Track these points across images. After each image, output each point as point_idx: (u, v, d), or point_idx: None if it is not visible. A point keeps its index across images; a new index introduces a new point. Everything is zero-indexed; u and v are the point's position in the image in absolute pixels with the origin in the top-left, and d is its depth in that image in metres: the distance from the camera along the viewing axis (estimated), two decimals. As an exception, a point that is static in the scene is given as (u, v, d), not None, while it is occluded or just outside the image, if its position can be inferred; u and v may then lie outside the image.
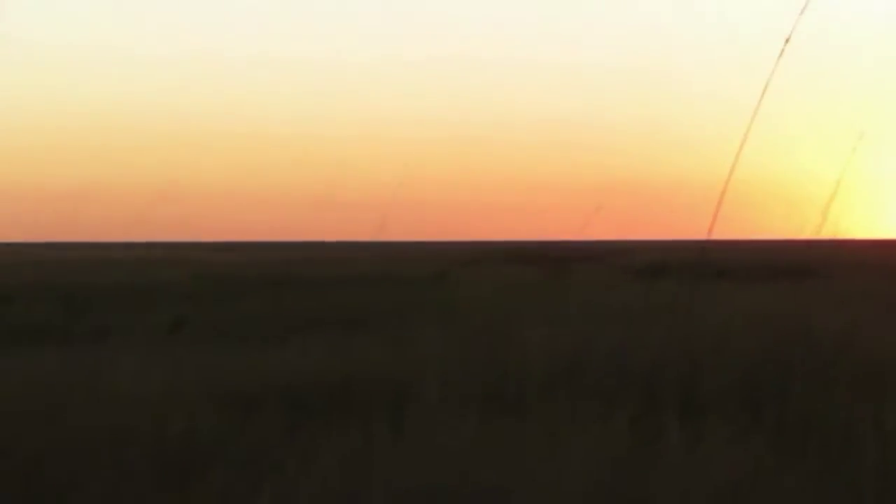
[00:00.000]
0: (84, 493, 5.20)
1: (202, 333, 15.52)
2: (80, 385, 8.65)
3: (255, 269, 38.18)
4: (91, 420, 7.22)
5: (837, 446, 5.92)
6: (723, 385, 7.65)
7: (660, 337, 10.03)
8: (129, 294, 28.07)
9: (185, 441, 6.35)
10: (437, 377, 7.45)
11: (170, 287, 30.27)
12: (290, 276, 32.56)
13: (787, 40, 8.65)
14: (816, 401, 7.53)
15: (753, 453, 5.71)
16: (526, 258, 41.01)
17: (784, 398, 7.61)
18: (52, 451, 6.29)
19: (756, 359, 9.06)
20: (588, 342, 9.77)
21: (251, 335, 15.43)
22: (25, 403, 8.13)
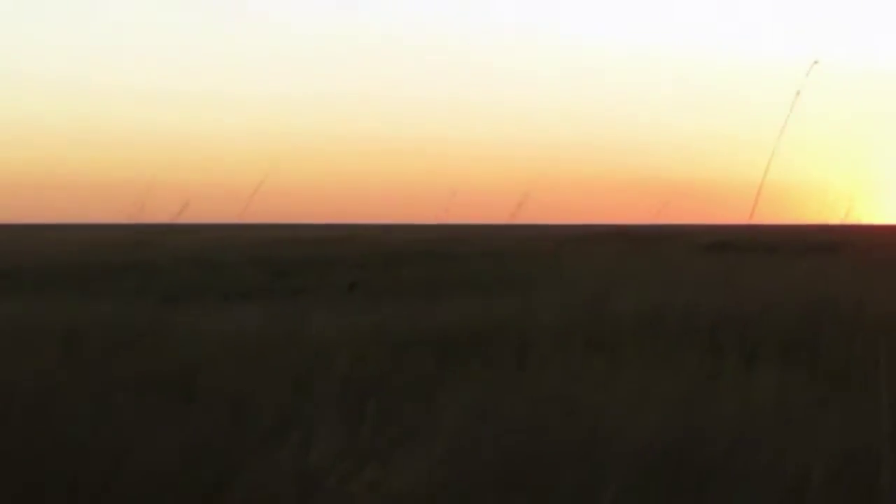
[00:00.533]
0: (291, 420, 5.50)
1: (371, 293, 16.94)
2: (281, 332, 9.01)
3: (412, 245, 39.23)
4: (289, 360, 7.68)
5: (857, 383, 6.25)
6: (770, 334, 7.89)
7: (722, 297, 10.76)
8: (316, 263, 30.54)
9: (360, 374, 6.74)
10: (553, 326, 7.95)
11: (346, 258, 33.07)
12: (442, 250, 33.39)
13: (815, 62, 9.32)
14: (841, 347, 7.96)
15: (792, 386, 5.96)
16: (616, 237, 41.45)
17: (816, 345, 8.11)
18: (260, 386, 6.48)
19: (794, 314, 9.53)
20: (668, 300, 10.32)
21: (410, 295, 16.12)
22: (239, 347, 8.60)
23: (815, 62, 9.39)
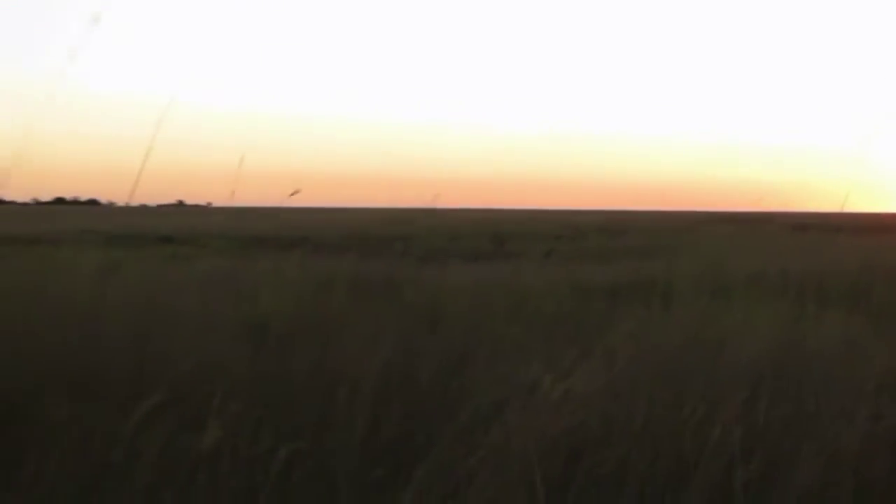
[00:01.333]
0: (507, 343, 5.91)
1: (562, 257, 19.29)
2: (500, 282, 9.95)
3: (591, 224, 47.33)
4: (506, 301, 8.32)
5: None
6: (837, 287, 9.42)
7: (805, 261, 12.34)
8: (525, 236, 36.92)
9: (555, 311, 7.50)
10: (688, 281, 8.67)
11: (546, 233, 40.12)
12: (612, 228, 41.52)
13: None
14: (886, 296, 9.08)
15: (852, 323, 6.90)
16: (727, 220, 49.07)
17: (869, 294, 9.22)
18: (486, 319, 7.05)
19: (854, 273, 10.96)
20: (767, 264, 11.74)
21: (589, 258, 18.92)
22: (471, 293, 9.25)
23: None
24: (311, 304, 6.84)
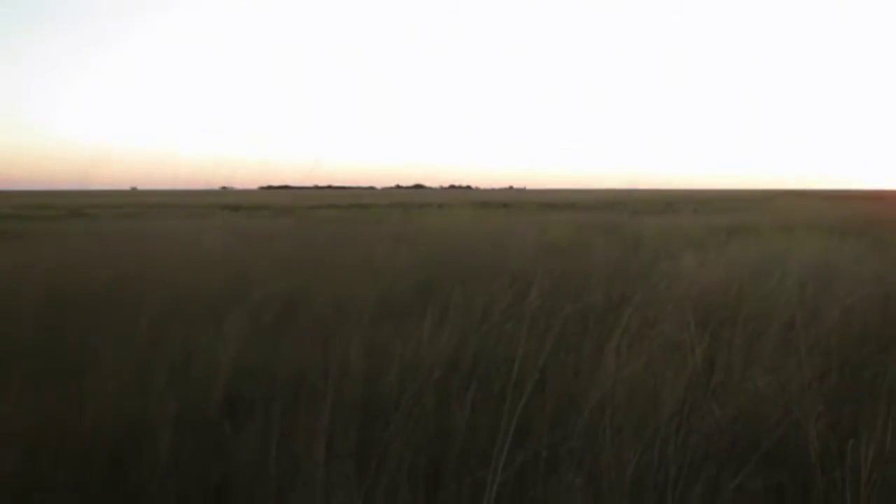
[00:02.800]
0: (666, 252, 9.80)
1: (701, 213, 27.83)
2: (671, 224, 15.23)
3: (698, 195, 58.09)
4: (672, 233, 13.11)
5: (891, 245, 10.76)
6: (850, 227, 14.01)
7: (833, 215, 17.07)
8: (679, 202, 42.39)
9: (699, 237, 11.91)
10: (768, 224, 13.52)
11: (689, 201, 48.49)
12: (721, 197, 52.91)
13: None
14: (878, 232, 13.29)
15: (860, 246, 10.21)
16: (789, 194, 57.36)
17: (870, 230, 13.92)
18: (665, 245, 10.86)
19: (862, 221, 16.80)
20: (815, 217, 16.94)
21: (715, 212, 24.89)
22: (655, 229, 14.33)
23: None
24: (576, 235, 11.09)
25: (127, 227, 17.80)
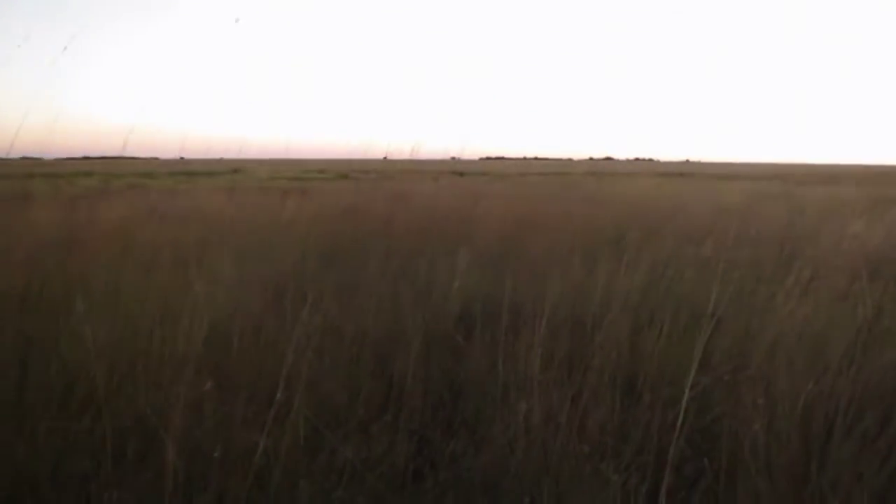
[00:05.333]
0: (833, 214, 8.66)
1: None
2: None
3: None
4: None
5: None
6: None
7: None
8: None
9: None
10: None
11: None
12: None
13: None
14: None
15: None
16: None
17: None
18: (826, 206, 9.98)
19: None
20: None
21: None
22: (818, 196, 12.88)
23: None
24: (746, 201, 10.12)
25: (382, 186, 18.62)
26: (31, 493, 2.59)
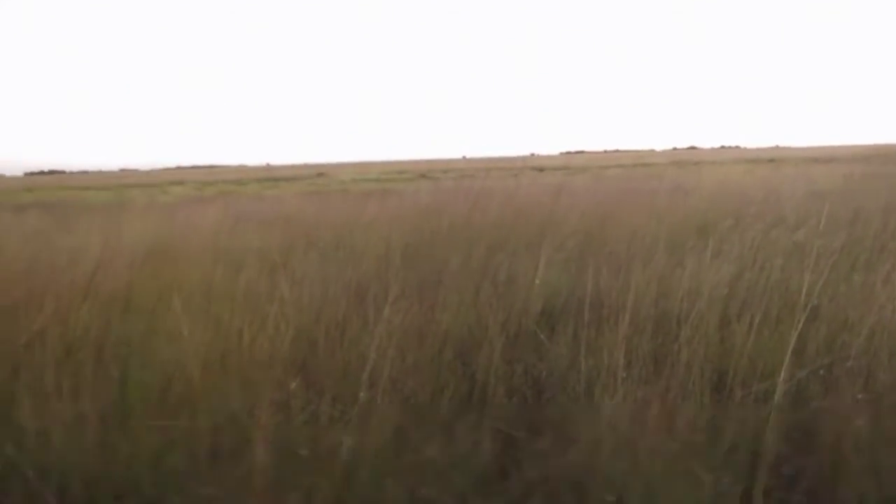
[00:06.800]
0: None
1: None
2: None
3: None
4: None
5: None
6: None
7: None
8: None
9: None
10: None
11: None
12: None
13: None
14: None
15: None
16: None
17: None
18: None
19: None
20: None
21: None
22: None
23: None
24: (841, 184, 9.47)
25: (463, 184, 18.66)
26: (133, 489, 2.68)
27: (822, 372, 3.05)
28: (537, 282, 4.75)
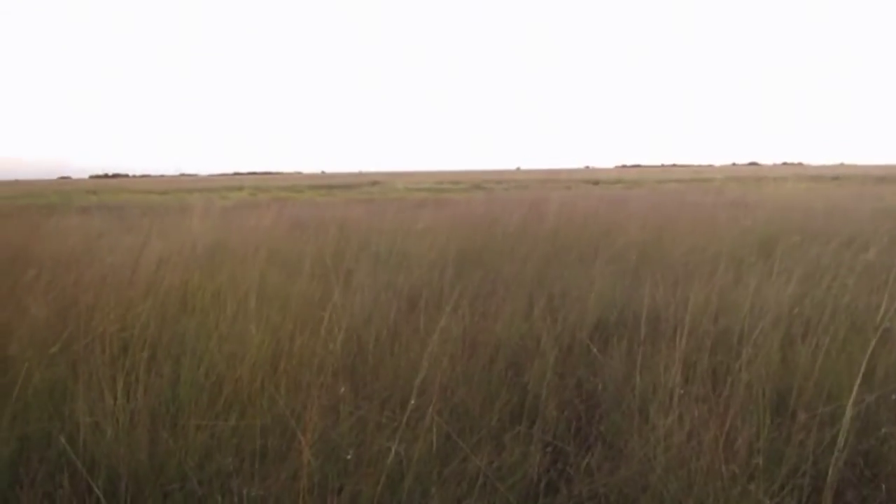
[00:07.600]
0: None
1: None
2: None
3: None
4: None
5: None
6: None
7: None
8: None
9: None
10: None
11: None
12: None
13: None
14: None
15: None
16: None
17: None
18: None
19: None
20: None
21: None
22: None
23: None
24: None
25: (515, 195, 18.57)
26: (179, 486, 2.70)
27: (894, 397, 2.91)
28: (592, 295, 4.67)
